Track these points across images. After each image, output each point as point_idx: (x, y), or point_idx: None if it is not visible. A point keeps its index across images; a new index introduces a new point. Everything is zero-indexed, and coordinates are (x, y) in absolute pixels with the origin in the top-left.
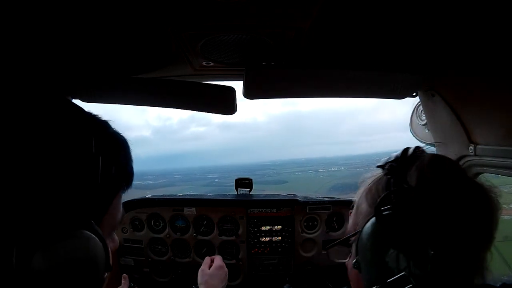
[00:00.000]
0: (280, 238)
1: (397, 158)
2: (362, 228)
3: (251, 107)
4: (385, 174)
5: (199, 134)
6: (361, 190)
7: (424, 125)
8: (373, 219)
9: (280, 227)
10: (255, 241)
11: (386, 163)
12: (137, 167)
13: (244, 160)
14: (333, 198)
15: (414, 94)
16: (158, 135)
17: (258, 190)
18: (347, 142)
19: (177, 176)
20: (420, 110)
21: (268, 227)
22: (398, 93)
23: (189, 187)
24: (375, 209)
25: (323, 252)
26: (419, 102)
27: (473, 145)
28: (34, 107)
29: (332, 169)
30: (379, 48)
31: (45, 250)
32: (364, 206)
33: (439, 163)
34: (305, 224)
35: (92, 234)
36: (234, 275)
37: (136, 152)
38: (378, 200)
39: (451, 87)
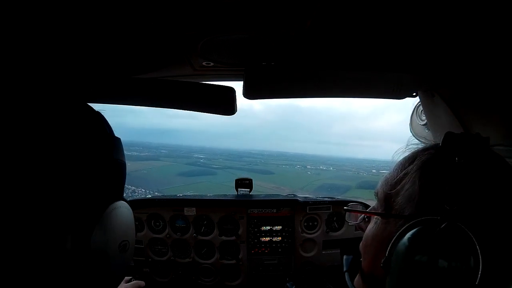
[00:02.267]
0: (280, 238)
1: (462, 139)
2: (414, 223)
3: None
4: (448, 156)
5: (194, 113)
6: (404, 166)
7: (424, 125)
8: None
9: (280, 227)
10: (255, 241)
11: (451, 142)
12: (126, 136)
13: (233, 145)
14: (333, 198)
15: (414, 94)
16: (150, 107)
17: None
18: (338, 144)
19: (163, 151)
20: (420, 110)
21: (268, 227)
22: (398, 93)
23: (171, 164)
24: (452, 208)
25: (345, 208)
26: (419, 102)
27: None
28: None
29: (320, 167)
30: (379, 48)
31: (101, 223)
32: (411, 190)
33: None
34: (305, 224)
35: (125, 202)
36: (234, 275)
37: (128, 121)
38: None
39: (451, 87)
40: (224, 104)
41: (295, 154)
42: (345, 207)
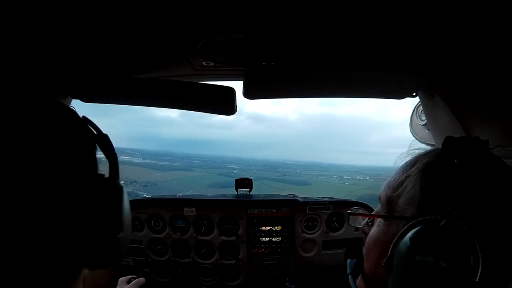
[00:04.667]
0: (280, 238)
1: (464, 142)
2: (414, 222)
3: (287, 103)
4: (449, 159)
5: (227, 123)
6: (405, 170)
7: (424, 125)
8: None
9: (280, 227)
10: (255, 241)
11: (453, 146)
12: (157, 147)
13: (267, 155)
14: (333, 198)
15: (414, 94)
16: (185, 118)
17: (278, 189)
18: (374, 153)
19: (196, 161)
20: (420, 110)
21: (268, 228)
22: (398, 93)
23: (204, 174)
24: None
25: (348, 212)
26: (419, 102)
27: None
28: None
29: (358, 177)
30: (379, 48)
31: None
32: (413, 192)
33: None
34: (305, 224)
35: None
36: (234, 275)
37: (160, 132)
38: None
39: (451, 87)
40: (224, 104)
41: (330, 164)
42: (348, 211)
